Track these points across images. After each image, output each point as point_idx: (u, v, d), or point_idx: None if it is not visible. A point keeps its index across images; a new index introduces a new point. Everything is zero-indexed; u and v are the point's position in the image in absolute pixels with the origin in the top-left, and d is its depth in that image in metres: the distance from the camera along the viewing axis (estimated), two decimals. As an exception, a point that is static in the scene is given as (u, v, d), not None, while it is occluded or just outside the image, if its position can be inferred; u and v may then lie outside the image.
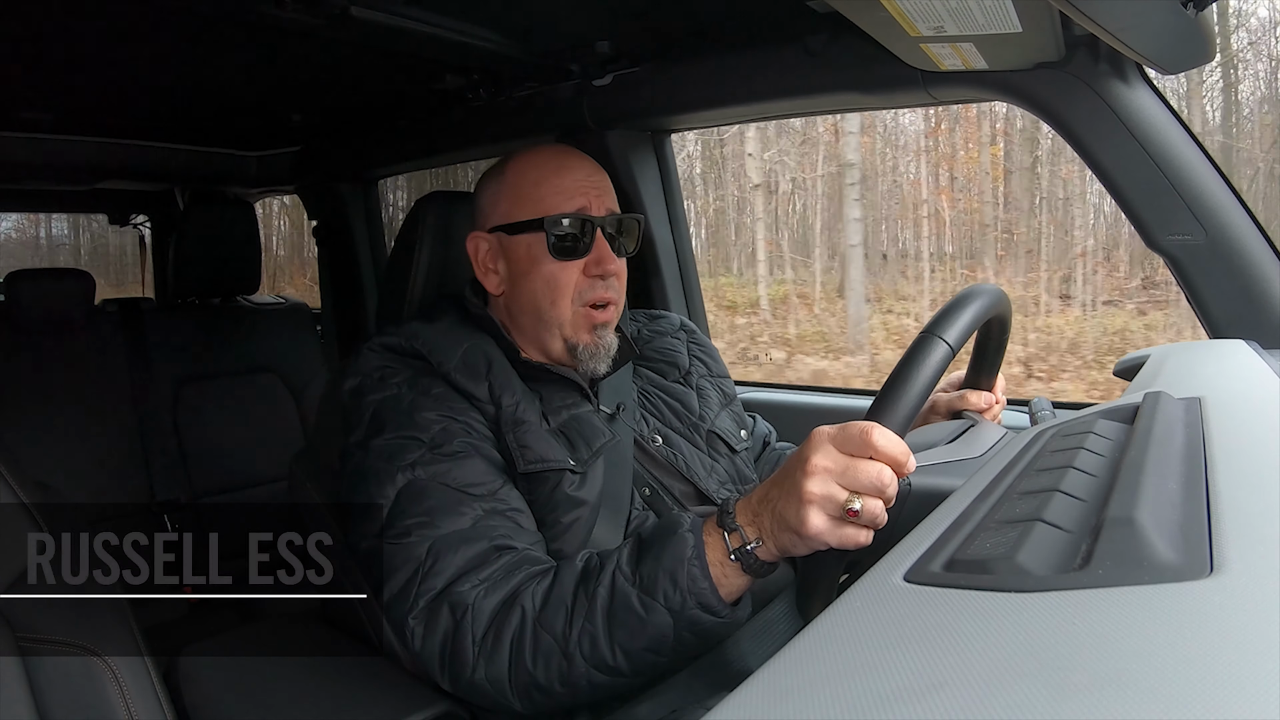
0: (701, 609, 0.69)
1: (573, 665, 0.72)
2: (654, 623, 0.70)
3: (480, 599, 0.75)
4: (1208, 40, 0.90)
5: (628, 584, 0.71)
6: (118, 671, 0.73)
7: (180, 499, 1.97)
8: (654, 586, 0.70)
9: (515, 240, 0.95)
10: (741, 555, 0.69)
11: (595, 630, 0.71)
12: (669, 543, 0.71)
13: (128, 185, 2.48)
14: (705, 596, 0.69)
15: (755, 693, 0.32)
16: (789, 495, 0.67)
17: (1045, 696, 0.26)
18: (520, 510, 0.84)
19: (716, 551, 0.70)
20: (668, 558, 0.70)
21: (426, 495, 0.81)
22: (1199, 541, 0.37)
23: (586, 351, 0.95)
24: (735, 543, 0.70)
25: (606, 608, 0.71)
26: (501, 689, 0.74)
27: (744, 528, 0.70)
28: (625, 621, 0.71)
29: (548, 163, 0.97)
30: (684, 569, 0.70)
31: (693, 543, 0.70)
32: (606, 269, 0.94)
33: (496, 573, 0.77)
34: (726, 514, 0.71)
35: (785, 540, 0.68)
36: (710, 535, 0.71)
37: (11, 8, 1.10)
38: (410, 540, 0.79)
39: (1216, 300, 1.02)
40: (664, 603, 0.70)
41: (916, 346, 0.71)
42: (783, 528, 0.68)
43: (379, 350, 0.93)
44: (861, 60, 1.12)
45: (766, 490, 0.70)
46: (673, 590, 0.70)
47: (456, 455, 0.84)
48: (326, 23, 1.12)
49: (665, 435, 1.00)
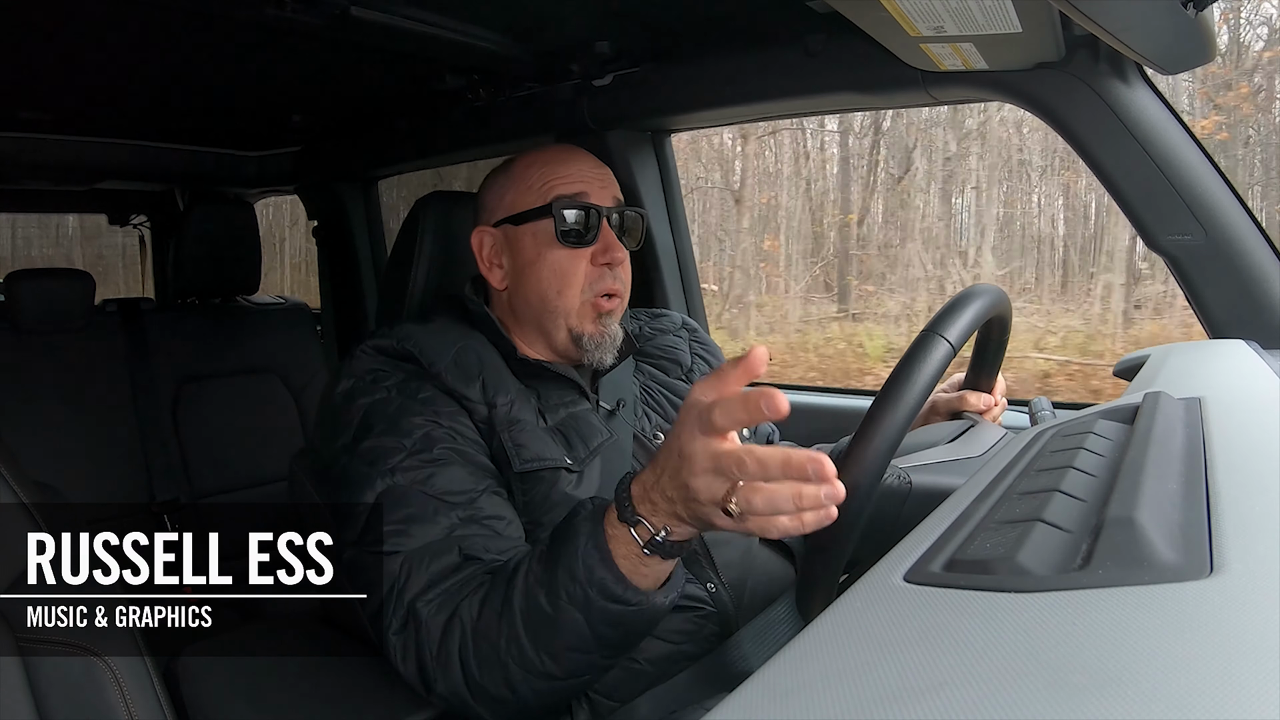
0: (607, 599, 0.66)
1: (509, 672, 0.71)
2: (565, 621, 0.68)
3: (432, 614, 0.75)
4: (1208, 40, 0.90)
5: (537, 585, 0.70)
6: (118, 671, 0.73)
7: (180, 499, 1.96)
8: (556, 585, 0.68)
9: (521, 230, 0.95)
10: (655, 546, 0.65)
11: (519, 635, 0.70)
12: (565, 536, 0.69)
13: (128, 185, 2.48)
14: (607, 586, 0.66)
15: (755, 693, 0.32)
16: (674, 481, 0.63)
17: (1045, 696, 0.26)
18: (499, 518, 0.83)
19: (626, 545, 0.66)
20: (565, 552, 0.68)
21: (404, 502, 0.81)
22: (1199, 541, 0.37)
23: (592, 342, 0.94)
24: (644, 535, 0.65)
25: (524, 611, 0.70)
26: (464, 700, 0.74)
27: (648, 519, 0.65)
28: (540, 623, 0.69)
29: (553, 156, 0.98)
30: (578, 561, 0.67)
31: (587, 531, 0.67)
32: (614, 256, 0.93)
33: (454, 585, 0.76)
34: (625, 506, 0.66)
35: (696, 522, 0.64)
36: (615, 527, 0.67)
37: (11, 7, 1.10)
38: (385, 551, 0.79)
39: (1216, 300, 1.02)
40: (568, 600, 0.67)
41: (917, 345, 0.71)
42: (690, 514, 0.63)
43: (371, 353, 0.93)
44: (861, 60, 1.12)
45: (654, 477, 0.65)
46: (573, 585, 0.67)
47: (437, 461, 0.83)
48: (326, 23, 1.12)
49: (667, 432, 1.00)
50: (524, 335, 0.98)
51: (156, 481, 1.95)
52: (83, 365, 1.93)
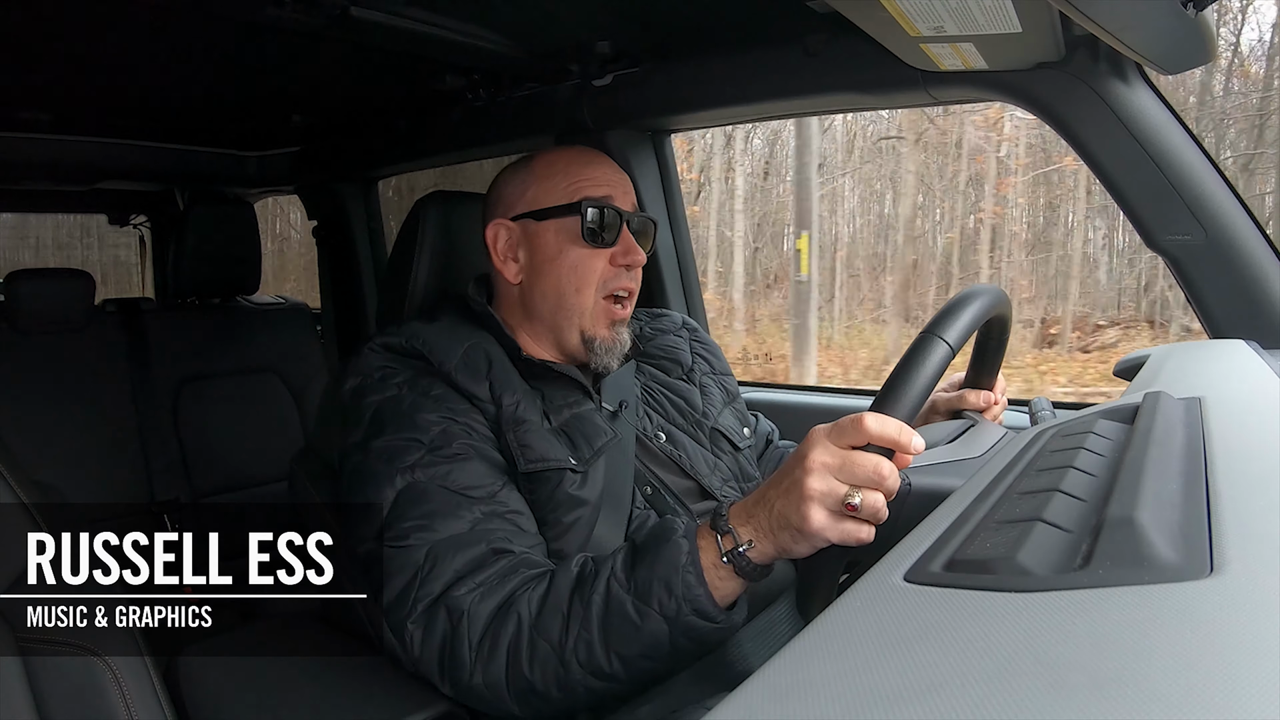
0: (697, 615, 0.69)
1: (569, 672, 0.72)
2: (649, 630, 0.70)
3: (476, 604, 0.75)
4: (1208, 40, 0.90)
5: (623, 591, 0.71)
6: (118, 671, 0.73)
7: (180, 499, 1.97)
8: (649, 593, 0.70)
9: (543, 226, 0.95)
10: (734, 558, 0.69)
11: (591, 637, 0.71)
12: (664, 549, 0.71)
13: (128, 185, 2.48)
14: (700, 603, 0.69)
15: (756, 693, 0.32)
16: (788, 493, 0.67)
17: (1045, 696, 0.26)
18: (519, 512, 0.84)
19: (710, 555, 0.70)
20: (662, 564, 0.70)
21: (425, 498, 0.81)
22: (1199, 541, 0.37)
23: (603, 346, 0.95)
24: (728, 545, 0.69)
25: (602, 615, 0.71)
26: (499, 694, 0.74)
27: (737, 529, 0.70)
28: (620, 629, 0.70)
29: (577, 156, 0.99)
30: (679, 576, 0.69)
31: (687, 549, 0.70)
32: (634, 259, 0.95)
33: (492, 577, 0.77)
34: (720, 516, 0.71)
35: (784, 539, 0.68)
36: (704, 539, 0.71)
37: (11, 7, 1.10)
38: (409, 544, 0.79)
39: (1216, 300, 1.02)
40: (659, 610, 0.69)
41: (917, 346, 0.71)
42: (782, 526, 0.67)
43: (379, 350, 0.93)
44: (861, 60, 1.12)
45: (764, 491, 0.70)
46: (668, 597, 0.69)
47: (456, 457, 0.83)
48: (326, 23, 1.12)
49: (668, 432, 1.01)
50: (532, 334, 0.98)
51: (156, 481, 1.95)
52: (83, 365, 1.93)
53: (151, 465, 1.96)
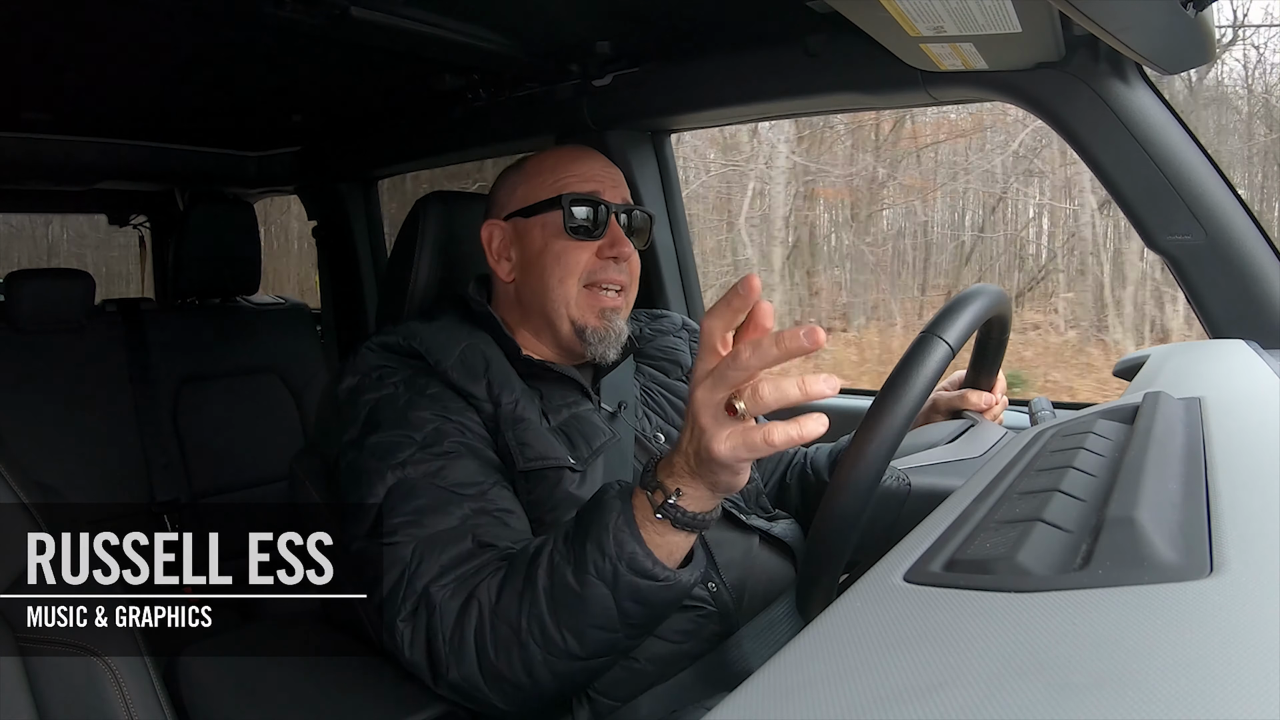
0: (635, 574, 0.67)
1: (529, 653, 0.71)
2: (591, 597, 0.68)
3: (447, 598, 0.75)
4: (1208, 40, 0.90)
5: (563, 562, 0.70)
6: (118, 671, 0.73)
7: (180, 499, 1.96)
8: (584, 560, 0.68)
9: (530, 222, 0.96)
10: (667, 510, 0.67)
11: (541, 614, 0.70)
12: (596, 513, 0.70)
13: (128, 185, 2.47)
14: (638, 561, 0.67)
15: (756, 693, 0.32)
16: (690, 428, 0.65)
17: (1045, 696, 0.26)
18: (509, 511, 0.84)
19: (644, 512, 0.68)
20: (596, 527, 0.69)
21: (416, 494, 0.81)
22: (1199, 541, 0.37)
23: (595, 335, 0.95)
24: (659, 500, 0.67)
25: (548, 589, 0.70)
26: (476, 685, 0.74)
27: (664, 481, 0.67)
28: (564, 600, 0.69)
29: (567, 154, 1.00)
30: (609, 535, 0.68)
31: (618, 508, 0.68)
32: (621, 251, 0.95)
33: (468, 570, 0.76)
34: (647, 472, 0.69)
35: (706, 475, 0.65)
36: (638, 499, 0.69)
37: (11, 8, 1.10)
38: (398, 540, 0.79)
39: (1216, 300, 1.02)
40: (595, 574, 0.68)
41: (916, 346, 0.71)
42: (699, 462, 0.65)
43: (377, 350, 0.93)
44: (861, 60, 1.12)
45: (677, 440, 0.68)
46: (602, 559, 0.68)
47: (448, 454, 0.83)
48: (326, 23, 1.12)
49: (667, 433, 1.01)
50: (529, 331, 0.98)
51: (156, 481, 1.95)
52: (83, 365, 1.93)
53: (151, 465, 1.96)
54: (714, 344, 0.62)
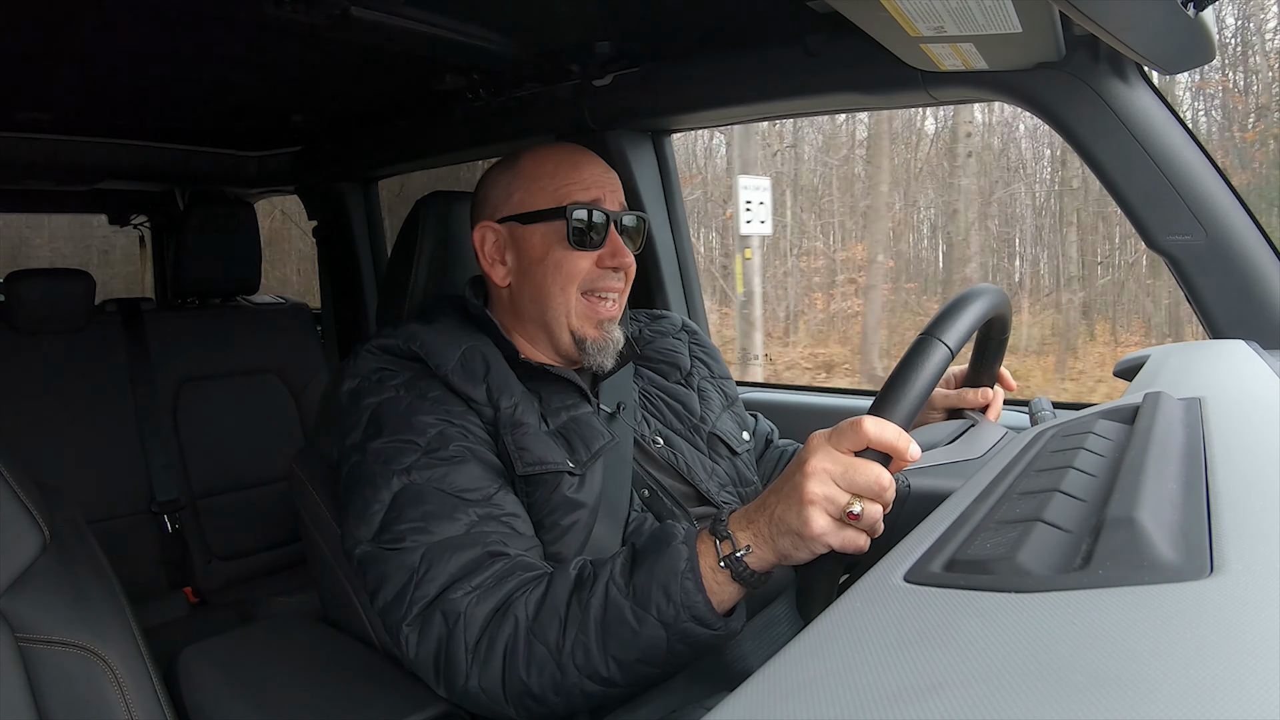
0: (695, 622, 0.69)
1: (566, 675, 0.72)
2: (647, 635, 0.70)
3: (472, 606, 0.75)
4: (1208, 40, 0.90)
5: (621, 595, 0.71)
6: (118, 671, 0.73)
7: (180, 499, 1.96)
8: (647, 599, 0.70)
9: (529, 230, 0.95)
10: (731, 563, 0.69)
11: (588, 641, 0.71)
12: (663, 554, 0.71)
13: (128, 185, 2.48)
14: (699, 610, 0.69)
15: (756, 693, 0.32)
16: (789, 498, 0.67)
17: (1045, 696, 0.26)
18: (516, 515, 0.84)
19: (708, 560, 0.70)
20: (661, 570, 0.70)
21: (422, 500, 0.81)
22: (1199, 541, 0.37)
23: (594, 346, 0.95)
24: (726, 550, 0.69)
25: (600, 619, 0.71)
26: (495, 697, 0.74)
27: (736, 534, 0.69)
28: (618, 633, 0.70)
29: (564, 157, 0.98)
30: (677, 582, 0.69)
31: (686, 555, 0.70)
32: (622, 260, 0.95)
33: (489, 579, 0.77)
34: (719, 522, 0.71)
35: (784, 545, 0.67)
36: (703, 544, 0.71)
37: (11, 8, 1.10)
38: (405, 546, 0.79)
39: (1216, 300, 1.02)
40: (657, 615, 0.69)
41: (915, 348, 0.71)
42: (782, 531, 0.67)
43: (377, 352, 0.93)
44: (861, 60, 1.12)
45: (764, 498, 0.70)
46: (666, 603, 0.69)
47: (452, 460, 0.83)
48: (326, 23, 1.12)
49: (666, 436, 1.00)
50: (526, 335, 0.98)
51: (156, 481, 1.95)
52: (83, 365, 1.93)
53: (151, 465, 1.96)
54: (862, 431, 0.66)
